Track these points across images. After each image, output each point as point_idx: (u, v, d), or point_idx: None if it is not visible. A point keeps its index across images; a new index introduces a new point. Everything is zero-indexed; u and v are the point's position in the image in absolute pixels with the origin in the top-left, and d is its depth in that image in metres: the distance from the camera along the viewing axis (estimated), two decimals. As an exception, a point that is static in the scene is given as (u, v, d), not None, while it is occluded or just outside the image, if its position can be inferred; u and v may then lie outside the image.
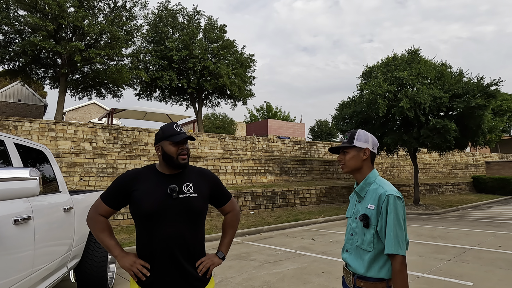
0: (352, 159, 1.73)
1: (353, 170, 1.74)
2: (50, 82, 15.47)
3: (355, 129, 1.78)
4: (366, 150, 1.72)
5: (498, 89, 11.94)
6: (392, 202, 1.59)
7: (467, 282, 4.53)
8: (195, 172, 1.81)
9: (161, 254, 1.65)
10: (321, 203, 13.73)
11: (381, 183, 1.70)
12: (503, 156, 31.93)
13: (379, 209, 1.61)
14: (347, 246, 1.75)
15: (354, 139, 1.73)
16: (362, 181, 1.73)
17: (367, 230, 1.63)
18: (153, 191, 1.68)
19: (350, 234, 1.74)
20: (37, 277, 2.62)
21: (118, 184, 1.74)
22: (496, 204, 16.55)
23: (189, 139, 1.72)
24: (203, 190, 1.76)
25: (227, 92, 19.73)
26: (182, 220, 1.67)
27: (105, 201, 1.76)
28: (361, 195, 1.72)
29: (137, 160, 11.67)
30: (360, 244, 1.66)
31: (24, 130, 11.02)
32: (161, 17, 18.43)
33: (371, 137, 1.76)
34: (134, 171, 1.78)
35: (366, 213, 1.64)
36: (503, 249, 6.54)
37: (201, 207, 1.73)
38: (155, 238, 1.65)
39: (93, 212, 1.78)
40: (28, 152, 3.10)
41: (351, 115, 13.88)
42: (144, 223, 1.68)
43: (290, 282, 4.65)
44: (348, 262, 1.71)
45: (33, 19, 11.85)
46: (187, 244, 1.68)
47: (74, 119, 30.79)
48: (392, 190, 1.63)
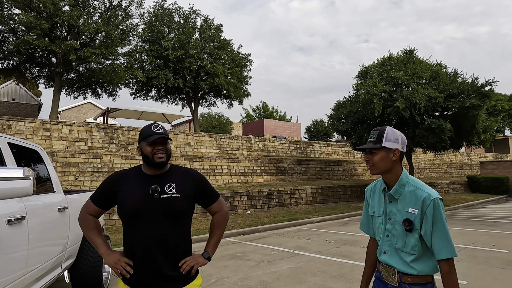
0: (381, 160, 1.63)
1: (383, 171, 1.66)
2: (44, 81, 15.36)
3: (383, 127, 1.68)
4: (396, 151, 1.63)
5: (493, 90, 12.05)
6: (438, 207, 1.54)
7: (461, 281, 4.56)
8: (180, 172, 1.82)
9: (142, 254, 1.67)
10: (317, 202, 13.76)
11: (417, 184, 1.63)
12: (497, 156, 32.21)
13: (423, 213, 1.55)
14: (384, 247, 1.68)
15: (383, 139, 1.62)
16: (396, 183, 1.65)
17: (410, 234, 1.58)
18: (136, 192, 1.72)
19: (386, 235, 1.68)
20: (31, 278, 2.60)
21: (104, 186, 1.80)
22: (490, 203, 16.69)
23: (162, 138, 1.72)
24: (187, 190, 1.76)
25: (223, 91, 19.71)
26: (164, 220, 1.69)
27: (94, 202, 1.82)
28: (396, 197, 1.65)
29: (133, 160, 11.62)
30: (401, 247, 1.61)
31: (18, 130, 10.93)
32: (157, 16, 18.35)
33: (400, 136, 1.65)
34: (120, 172, 1.83)
35: (409, 218, 1.57)
36: (497, 248, 6.60)
37: (183, 208, 1.73)
38: (137, 238, 1.68)
39: (83, 212, 1.84)
40: (22, 152, 3.07)
41: (347, 115, 13.93)
42: (127, 223, 1.72)
43: (286, 281, 4.66)
44: (390, 264, 1.65)
45: (27, 18, 11.75)
46: (168, 244, 1.69)
47: (69, 118, 30.59)
48: (434, 193, 1.57)
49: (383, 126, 1.70)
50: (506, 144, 37.85)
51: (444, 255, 1.52)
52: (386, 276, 1.67)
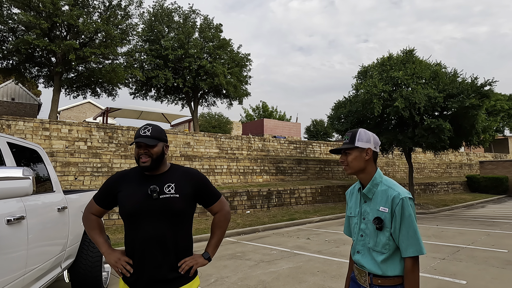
0: (355, 160, 1.68)
1: (357, 171, 1.70)
2: (44, 81, 15.34)
3: (356, 129, 1.74)
4: (368, 150, 1.68)
5: (492, 89, 12.05)
6: (407, 205, 1.57)
7: (460, 281, 4.57)
8: (180, 172, 1.81)
9: (141, 254, 1.68)
10: (316, 202, 13.76)
11: (389, 183, 1.67)
12: (496, 156, 32.24)
13: (393, 211, 1.58)
14: (358, 247, 1.72)
15: (356, 140, 1.68)
16: (369, 183, 1.69)
17: (381, 233, 1.60)
18: (135, 191, 1.73)
19: (360, 235, 1.71)
20: (31, 277, 2.60)
21: (106, 186, 1.83)
22: (490, 203, 16.71)
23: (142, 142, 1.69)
24: (186, 190, 1.75)
25: (223, 91, 19.70)
26: (162, 220, 1.69)
27: (96, 201, 1.85)
28: (369, 196, 1.68)
29: (132, 160, 11.62)
30: (372, 246, 1.64)
31: (17, 129, 10.92)
32: (157, 16, 18.34)
33: (372, 136, 1.71)
34: (121, 172, 1.85)
35: (380, 216, 1.61)
36: (496, 247, 6.61)
37: (182, 208, 1.72)
38: (136, 237, 1.69)
39: (86, 211, 1.88)
40: (21, 151, 3.07)
41: (347, 114, 13.93)
42: (127, 223, 1.73)
43: (286, 281, 4.66)
44: (361, 263, 1.68)
45: (26, 17, 11.73)
46: (167, 244, 1.68)
47: (69, 118, 30.57)
48: (404, 192, 1.60)
49: (356, 128, 1.76)
50: (505, 144, 37.88)
51: (410, 253, 1.55)
52: (358, 277, 1.71)
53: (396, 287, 1.59)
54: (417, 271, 1.56)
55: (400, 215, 1.57)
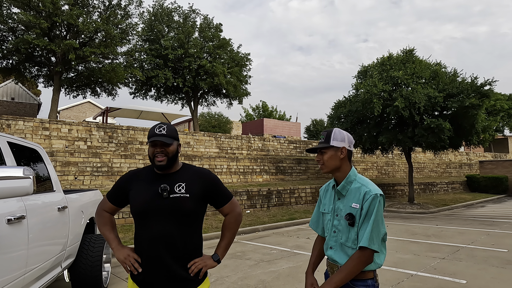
0: (330, 159, 1.73)
1: (333, 169, 1.75)
2: (44, 81, 15.34)
3: (331, 128, 1.79)
4: (343, 149, 1.73)
5: (492, 89, 12.05)
6: (375, 202, 1.62)
7: (460, 280, 4.58)
8: (191, 172, 1.80)
9: (149, 253, 1.67)
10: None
11: (362, 181, 1.71)
12: (496, 156, 32.25)
13: (362, 207, 1.64)
14: (331, 243, 1.76)
15: (331, 139, 1.73)
16: (344, 180, 1.73)
17: (352, 229, 1.66)
18: (146, 190, 1.73)
19: (333, 231, 1.75)
20: (31, 277, 2.60)
21: (118, 184, 1.86)
22: (490, 203, 16.72)
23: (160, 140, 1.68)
24: (196, 190, 1.74)
25: (222, 91, 19.70)
26: (172, 219, 1.67)
27: (109, 199, 1.89)
28: (343, 193, 1.73)
29: (132, 159, 11.62)
30: (344, 241, 1.69)
31: (17, 129, 10.92)
32: (156, 16, 18.33)
33: (346, 135, 1.76)
34: (133, 171, 1.86)
35: (352, 212, 1.66)
36: (496, 247, 6.61)
37: (192, 208, 1.71)
38: (146, 236, 1.69)
39: (99, 208, 1.92)
40: (21, 151, 3.07)
41: (347, 114, 13.93)
42: (137, 221, 1.74)
43: (286, 280, 4.66)
44: (334, 258, 1.73)
45: (26, 17, 11.73)
46: (175, 244, 1.67)
47: (69, 118, 30.56)
48: (375, 189, 1.65)
49: (331, 128, 1.80)
50: (505, 144, 37.89)
51: (361, 243, 1.59)
52: (331, 272, 1.76)
53: (367, 281, 1.65)
54: (360, 263, 1.59)
55: (366, 210, 1.62)
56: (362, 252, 1.59)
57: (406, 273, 4.91)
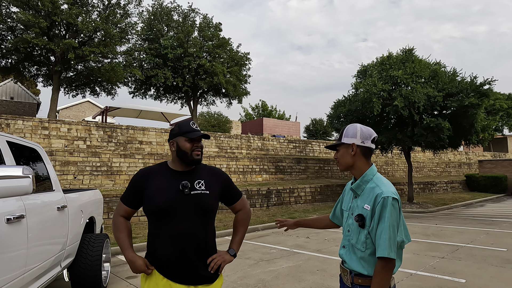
0: (342, 156, 1.69)
1: (347, 167, 1.70)
2: (43, 80, 15.33)
3: (348, 125, 1.73)
4: (353, 146, 1.66)
5: (491, 88, 12.05)
6: (387, 205, 1.51)
7: (460, 279, 4.58)
8: (206, 170, 1.86)
9: (173, 249, 1.69)
10: (316, 201, 13.77)
11: (378, 182, 1.62)
12: (495, 155, 32.28)
13: (373, 209, 1.56)
14: (344, 242, 1.71)
15: (343, 136, 1.69)
16: (359, 178, 1.66)
17: (362, 230, 1.60)
18: (165, 187, 1.73)
19: (347, 230, 1.70)
20: (30, 276, 2.60)
21: (132, 183, 1.81)
22: (489, 202, 16.74)
23: (204, 137, 1.77)
24: (214, 187, 1.80)
25: (222, 90, 19.70)
26: (194, 216, 1.71)
27: (124, 202, 1.83)
28: (358, 192, 1.67)
29: (132, 159, 11.61)
30: (354, 243, 1.63)
31: (16, 128, 10.90)
32: (156, 15, 18.32)
33: (359, 131, 1.67)
34: (146, 169, 1.83)
35: (362, 214, 1.60)
36: (495, 246, 6.62)
37: (212, 204, 1.77)
38: (167, 233, 1.70)
39: (115, 215, 1.87)
40: (21, 150, 3.07)
41: (346, 113, 13.93)
42: (157, 218, 1.72)
43: (285, 280, 4.67)
44: (344, 259, 1.68)
45: (25, 16, 11.71)
46: (199, 239, 1.72)
47: (68, 117, 30.53)
48: (388, 191, 1.55)
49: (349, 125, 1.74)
50: (504, 143, 37.93)
51: (379, 253, 1.50)
52: (342, 275, 1.72)
53: None
54: (386, 274, 1.50)
55: (379, 214, 1.53)
56: (384, 262, 1.50)
57: (405, 272, 4.91)
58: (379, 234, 1.51)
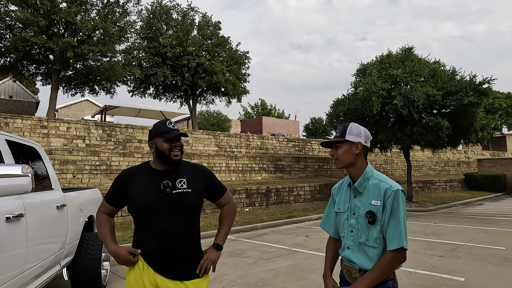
0: (345, 154, 1.68)
1: (347, 165, 1.70)
2: (42, 79, 15.29)
3: (348, 123, 1.74)
4: (359, 144, 1.67)
5: (490, 87, 12.06)
6: (398, 198, 1.57)
7: (459, 278, 4.59)
8: (189, 168, 1.85)
9: (157, 247, 1.70)
10: (315, 200, 13.78)
11: (380, 177, 1.66)
12: (494, 154, 32.33)
13: (384, 204, 1.58)
14: (348, 243, 1.69)
15: (346, 133, 1.68)
16: (361, 177, 1.67)
17: (373, 227, 1.59)
18: (147, 187, 1.74)
19: (350, 231, 1.68)
20: (30, 275, 2.59)
21: (115, 184, 1.83)
22: (488, 201, 16.77)
23: (181, 135, 1.76)
24: (197, 185, 1.79)
25: (221, 89, 19.68)
26: (176, 215, 1.72)
27: (107, 201, 1.87)
28: (360, 190, 1.67)
29: (131, 158, 11.60)
30: (364, 241, 1.62)
31: (15, 127, 10.88)
32: (155, 13, 18.28)
33: (363, 131, 1.71)
34: (129, 169, 1.85)
35: (372, 210, 1.60)
36: (494, 245, 6.64)
37: (195, 202, 1.77)
38: (151, 232, 1.71)
39: (98, 211, 1.91)
40: (20, 149, 3.06)
41: (345, 112, 13.93)
42: (140, 218, 1.74)
43: (285, 278, 4.67)
44: (352, 259, 1.66)
45: (24, 14, 11.68)
46: (181, 238, 1.72)
47: (67, 116, 30.49)
48: (396, 185, 1.60)
49: (348, 123, 1.75)
50: (503, 142, 37.99)
51: (393, 246, 1.53)
52: (348, 275, 1.69)
53: (388, 282, 1.59)
54: (393, 263, 1.54)
55: (391, 208, 1.56)
56: (396, 252, 1.53)
57: (404, 270, 4.92)
58: (394, 225, 1.54)
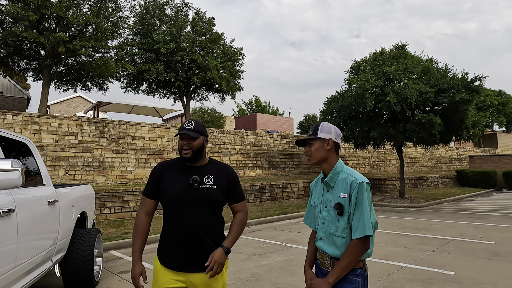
0: (317, 150, 1.79)
1: (320, 161, 1.80)
2: (33, 74, 15.07)
3: (319, 122, 1.85)
4: (330, 141, 1.79)
5: (482, 85, 12.19)
6: (362, 190, 1.67)
7: (449, 272, 4.66)
8: (218, 166, 1.98)
9: (181, 234, 1.83)
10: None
11: (349, 171, 1.77)
12: (485, 151, 32.75)
13: (350, 196, 1.69)
14: (320, 234, 1.81)
15: (318, 131, 1.80)
16: (331, 171, 1.78)
17: (341, 218, 1.70)
18: (177, 180, 1.88)
19: (322, 222, 1.80)
20: (20, 271, 2.57)
21: (151, 176, 1.96)
22: (478, 197, 17.01)
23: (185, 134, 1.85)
24: (222, 183, 1.92)
25: (215, 85, 19.58)
26: (201, 208, 1.85)
27: (146, 195, 1.96)
28: (331, 185, 1.78)
29: (124, 154, 11.53)
30: (333, 231, 1.73)
31: (6, 123, 10.73)
32: (148, 9, 18.10)
33: (334, 128, 1.82)
34: (163, 162, 2.00)
35: (340, 202, 1.71)
36: (484, 239, 6.74)
37: (219, 198, 1.89)
38: (179, 221, 1.84)
39: (138, 212, 1.97)
40: (10, 145, 3.02)
41: (339, 109, 13.98)
42: (169, 207, 1.87)
43: (278, 273, 4.70)
44: (324, 249, 1.77)
45: (14, 9, 11.49)
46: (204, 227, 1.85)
47: (59, 112, 30.15)
48: (361, 178, 1.71)
49: (319, 122, 1.87)
50: (494, 139, 38.48)
51: (357, 234, 1.64)
52: (321, 261, 1.80)
53: (357, 270, 1.69)
54: (360, 252, 1.65)
55: (355, 199, 1.67)
56: (359, 240, 1.64)
57: (396, 265, 4.98)
58: (358, 216, 1.66)
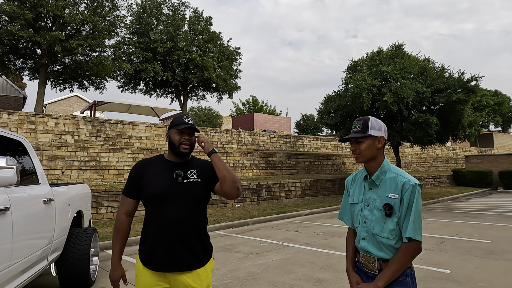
0: (368, 148, 1.68)
1: (369, 159, 1.70)
2: (29, 73, 14.99)
3: (366, 117, 1.73)
4: (381, 139, 1.69)
5: (478, 85, 12.27)
6: (415, 192, 1.59)
7: (445, 270, 4.69)
8: (199, 161, 1.97)
9: (165, 232, 1.77)
10: (306, 196, 13.86)
11: (397, 171, 1.68)
12: (481, 150, 32.93)
13: (402, 197, 1.60)
14: (363, 234, 1.72)
15: (369, 128, 1.67)
16: (378, 170, 1.69)
17: (389, 219, 1.62)
18: (161, 175, 1.84)
19: (363, 221, 1.72)
20: (16, 270, 2.56)
21: (130, 175, 1.92)
22: (475, 196, 17.10)
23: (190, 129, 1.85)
24: (205, 176, 1.89)
25: (212, 85, 19.58)
26: (186, 203, 1.81)
27: (126, 194, 1.91)
28: (376, 183, 1.69)
29: (121, 153, 11.49)
30: (378, 232, 1.65)
31: (1, 123, 10.67)
32: (145, 8, 18.06)
33: (383, 125, 1.72)
34: (143, 160, 1.96)
35: (389, 203, 1.62)
36: (480, 238, 6.79)
37: (204, 192, 1.87)
38: (161, 218, 1.79)
39: (118, 212, 1.93)
40: (5, 143, 3.00)
41: (336, 109, 14.03)
42: (151, 205, 1.83)
43: (275, 272, 4.70)
44: (368, 249, 1.69)
45: (10, 7, 11.42)
46: (189, 225, 1.81)
47: (55, 111, 30.00)
48: (413, 179, 1.63)
49: (366, 116, 1.75)
50: (490, 139, 38.71)
51: (407, 234, 1.57)
52: (366, 264, 1.71)
53: (406, 270, 1.63)
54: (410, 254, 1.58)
55: (408, 201, 1.59)
56: (410, 243, 1.57)
57: (392, 264, 4.99)
58: (412, 219, 1.57)
